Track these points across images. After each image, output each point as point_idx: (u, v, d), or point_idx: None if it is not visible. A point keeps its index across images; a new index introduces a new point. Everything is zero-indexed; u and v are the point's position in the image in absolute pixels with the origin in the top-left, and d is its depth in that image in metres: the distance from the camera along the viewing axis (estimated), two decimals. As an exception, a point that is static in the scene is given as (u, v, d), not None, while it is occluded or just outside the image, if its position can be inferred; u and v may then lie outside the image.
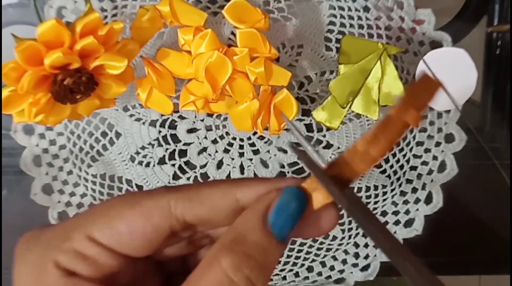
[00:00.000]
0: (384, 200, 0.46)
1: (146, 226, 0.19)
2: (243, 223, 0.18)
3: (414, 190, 0.46)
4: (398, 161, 0.45)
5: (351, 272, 0.48)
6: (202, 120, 0.44)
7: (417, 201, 0.46)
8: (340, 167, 0.20)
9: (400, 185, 0.46)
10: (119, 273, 0.19)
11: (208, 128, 0.45)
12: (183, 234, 0.20)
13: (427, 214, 0.46)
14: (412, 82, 0.20)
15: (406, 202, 0.46)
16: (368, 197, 0.46)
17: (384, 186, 0.46)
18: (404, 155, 0.45)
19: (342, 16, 0.43)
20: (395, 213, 0.47)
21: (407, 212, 0.47)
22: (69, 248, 0.19)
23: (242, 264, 0.17)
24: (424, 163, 0.46)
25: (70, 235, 0.19)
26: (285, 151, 0.45)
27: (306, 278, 0.48)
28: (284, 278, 0.48)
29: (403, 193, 0.46)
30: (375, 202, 0.46)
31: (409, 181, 0.46)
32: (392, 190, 0.46)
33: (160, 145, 0.45)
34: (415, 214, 0.47)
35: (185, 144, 0.45)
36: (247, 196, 0.19)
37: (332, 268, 0.48)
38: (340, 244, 0.47)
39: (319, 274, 0.48)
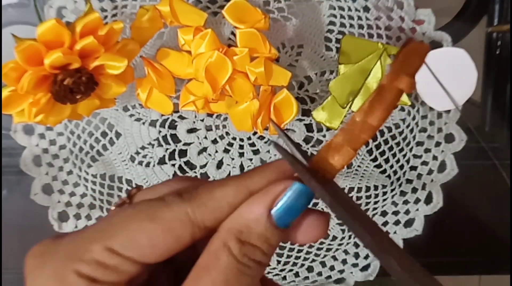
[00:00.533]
0: (384, 200, 0.46)
1: (168, 239, 0.19)
2: (249, 213, 0.19)
3: (414, 190, 0.46)
4: (398, 161, 0.45)
5: (351, 272, 0.48)
6: (202, 120, 0.44)
7: (417, 201, 0.46)
8: (334, 148, 0.20)
9: (400, 185, 0.46)
10: (138, 275, 0.20)
11: (208, 128, 0.45)
12: (203, 236, 0.20)
13: (427, 214, 0.46)
14: (400, 49, 0.20)
15: (406, 202, 0.46)
16: (368, 197, 0.46)
17: (384, 186, 0.46)
18: (404, 155, 0.45)
19: (342, 16, 0.43)
20: (395, 213, 0.47)
21: (407, 212, 0.47)
22: (90, 259, 0.19)
23: (250, 253, 0.19)
24: (424, 163, 0.46)
25: (89, 247, 0.19)
26: (285, 151, 0.45)
27: (306, 278, 0.48)
28: (284, 278, 0.48)
29: (403, 193, 0.46)
30: (375, 202, 0.46)
31: (409, 181, 0.46)
32: (392, 190, 0.46)
33: (160, 145, 0.45)
34: (415, 214, 0.46)
35: (185, 144, 0.45)
36: (260, 186, 0.20)
37: (332, 268, 0.48)
38: (340, 244, 0.47)
39: (319, 274, 0.48)
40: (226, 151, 0.45)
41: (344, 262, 0.48)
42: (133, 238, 0.19)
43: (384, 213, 0.47)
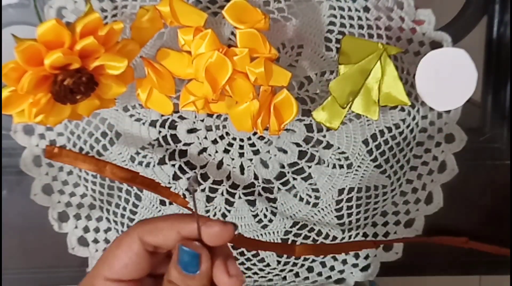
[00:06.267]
0: (384, 200, 0.46)
1: (131, 256, 0.28)
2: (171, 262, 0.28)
3: (414, 190, 0.46)
4: (398, 161, 0.45)
5: (351, 272, 0.48)
6: (202, 120, 0.44)
7: (417, 201, 0.46)
8: None
9: (400, 185, 0.46)
10: None
11: (208, 128, 0.45)
12: (159, 252, 0.29)
13: (427, 214, 0.46)
14: None
15: (406, 202, 0.46)
16: (368, 197, 0.46)
17: (384, 186, 0.46)
18: (404, 156, 0.45)
19: (342, 16, 0.43)
20: (395, 213, 0.47)
21: (407, 212, 0.47)
22: None
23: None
24: (424, 163, 0.46)
25: (93, 282, 0.28)
26: (285, 151, 0.45)
27: (306, 278, 0.48)
28: (284, 278, 0.48)
29: (403, 193, 0.46)
30: (375, 202, 0.46)
31: (409, 181, 0.46)
32: (392, 190, 0.46)
33: (160, 145, 0.45)
34: (415, 214, 0.46)
35: (185, 144, 0.45)
36: (186, 230, 0.28)
37: (332, 268, 0.48)
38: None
39: (319, 274, 0.48)
40: (226, 151, 0.45)
41: (344, 262, 0.48)
42: (114, 265, 0.28)
43: (384, 213, 0.47)
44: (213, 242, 0.28)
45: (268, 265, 0.48)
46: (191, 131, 0.45)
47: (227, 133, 0.45)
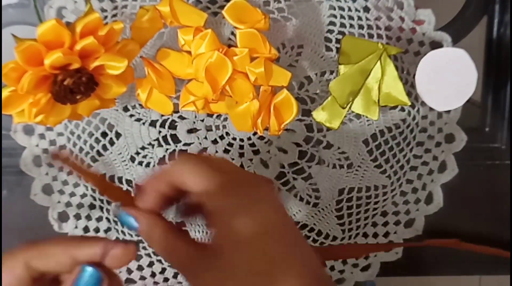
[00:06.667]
0: (385, 200, 0.46)
1: (12, 280, 0.26)
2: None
3: (415, 190, 0.46)
4: (398, 161, 0.45)
5: (351, 272, 0.48)
6: (202, 120, 0.44)
7: (417, 201, 0.46)
8: None
9: (400, 185, 0.46)
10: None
11: (208, 128, 0.45)
12: (47, 277, 0.27)
13: (427, 214, 0.46)
14: None
15: (406, 202, 0.46)
16: (368, 197, 0.46)
17: (384, 186, 0.46)
18: (404, 155, 0.45)
19: (342, 16, 0.43)
20: (396, 213, 0.47)
21: (407, 212, 0.47)
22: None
23: None
24: (425, 163, 0.46)
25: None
26: (285, 151, 0.45)
27: (306, 278, 0.48)
28: (284, 278, 0.48)
29: (403, 193, 0.46)
30: (375, 202, 0.46)
31: (409, 181, 0.46)
32: (392, 190, 0.46)
33: (160, 145, 0.45)
34: (416, 214, 0.46)
35: (185, 144, 0.45)
36: (82, 254, 0.26)
37: (332, 268, 0.48)
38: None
39: (319, 274, 0.48)
40: (226, 151, 0.45)
41: (344, 262, 0.48)
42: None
43: (384, 213, 0.47)
44: (116, 265, 0.26)
45: None
46: (191, 131, 0.45)
47: (227, 133, 0.45)
